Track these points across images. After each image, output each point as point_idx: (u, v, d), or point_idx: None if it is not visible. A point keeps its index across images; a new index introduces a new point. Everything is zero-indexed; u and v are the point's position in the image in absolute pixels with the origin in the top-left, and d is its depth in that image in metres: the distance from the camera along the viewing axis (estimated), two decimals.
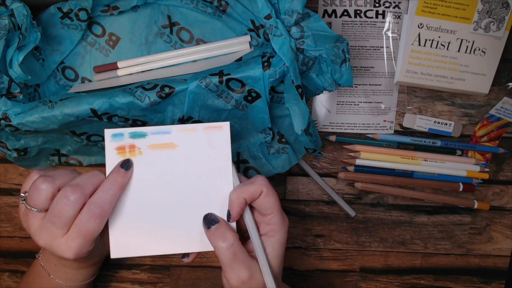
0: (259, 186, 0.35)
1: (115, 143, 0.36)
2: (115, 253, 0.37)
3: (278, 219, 0.36)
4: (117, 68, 0.48)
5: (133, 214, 0.37)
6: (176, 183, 0.37)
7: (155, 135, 0.37)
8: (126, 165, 0.36)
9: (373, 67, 0.50)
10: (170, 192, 0.37)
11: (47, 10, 0.45)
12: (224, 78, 0.40)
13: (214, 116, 0.44)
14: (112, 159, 0.36)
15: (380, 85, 0.50)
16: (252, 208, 0.37)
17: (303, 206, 0.53)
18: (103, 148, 0.49)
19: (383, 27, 0.49)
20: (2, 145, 0.45)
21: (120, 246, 0.37)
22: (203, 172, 0.37)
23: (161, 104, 0.42)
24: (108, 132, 0.36)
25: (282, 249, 0.37)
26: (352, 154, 0.51)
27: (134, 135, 0.37)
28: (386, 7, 0.49)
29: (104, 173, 0.36)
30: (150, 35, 0.48)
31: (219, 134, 0.37)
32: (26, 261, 0.54)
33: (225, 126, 0.38)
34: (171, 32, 0.48)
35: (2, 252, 0.54)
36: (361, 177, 0.51)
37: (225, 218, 0.37)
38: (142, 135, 0.37)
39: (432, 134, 0.52)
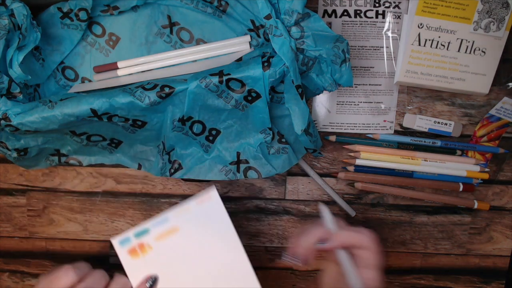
0: (366, 238, 0.37)
1: (125, 248, 0.39)
2: None
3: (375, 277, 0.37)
4: (117, 68, 0.48)
5: None
6: (192, 261, 0.39)
7: (156, 228, 0.39)
8: (151, 281, 0.38)
9: (373, 67, 0.50)
10: (190, 270, 0.39)
11: (47, 10, 0.45)
12: (224, 78, 0.40)
13: (214, 116, 0.44)
14: (129, 265, 0.39)
15: (380, 85, 0.50)
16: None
17: (303, 206, 0.53)
18: (103, 148, 0.49)
19: (383, 27, 0.49)
20: (2, 145, 0.45)
21: None
22: (212, 242, 0.40)
23: (161, 104, 0.42)
24: (115, 241, 0.39)
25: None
26: (352, 154, 0.51)
27: (138, 235, 0.39)
28: (386, 7, 0.49)
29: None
30: (150, 35, 0.48)
31: (211, 204, 0.40)
32: (26, 261, 0.54)
33: (212, 194, 0.40)
34: (171, 32, 0.48)
35: (2, 252, 0.54)
36: (361, 177, 0.51)
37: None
38: (146, 232, 0.39)
39: (432, 134, 0.51)
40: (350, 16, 0.49)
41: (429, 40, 0.47)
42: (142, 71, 0.48)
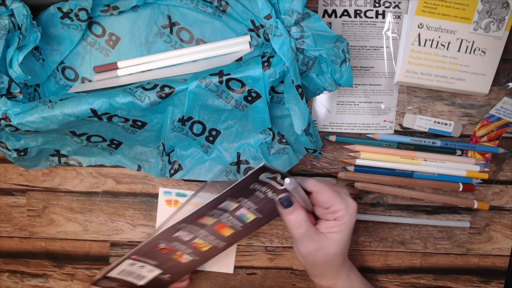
0: (310, 187, 0.41)
1: (166, 197, 0.52)
2: None
3: (340, 206, 0.40)
4: (117, 68, 0.48)
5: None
6: None
7: (191, 196, 0.50)
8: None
9: (373, 67, 0.50)
10: None
11: (47, 10, 0.45)
12: (224, 78, 0.40)
13: (214, 116, 0.44)
14: (161, 208, 0.52)
15: (380, 85, 0.50)
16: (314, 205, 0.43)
17: None
18: (103, 149, 0.49)
19: (383, 27, 0.49)
20: (2, 145, 0.45)
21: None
22: None
23: (161, 104, 0.42)
24: (161, 190, 0.52)
25: (348, 230, 0.41)
26: (352, 154, 0.51)
27: (178, 194, 0.52)
28: (386, 7, 0.49)
29: None
30: (150, 35, 0.48)
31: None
32: (25, 261, 0.54)
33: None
34: (171, 32, 0.48)
35: (2, 252, 0.54)
36: (361, 177, 0.51)
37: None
38: (183, 195, 0.52)
39: (432, 134, 0.52)
40: (350, 16, 0.49)
41: (429, 40, 0.47)
42: (142, 71, 0.48)
